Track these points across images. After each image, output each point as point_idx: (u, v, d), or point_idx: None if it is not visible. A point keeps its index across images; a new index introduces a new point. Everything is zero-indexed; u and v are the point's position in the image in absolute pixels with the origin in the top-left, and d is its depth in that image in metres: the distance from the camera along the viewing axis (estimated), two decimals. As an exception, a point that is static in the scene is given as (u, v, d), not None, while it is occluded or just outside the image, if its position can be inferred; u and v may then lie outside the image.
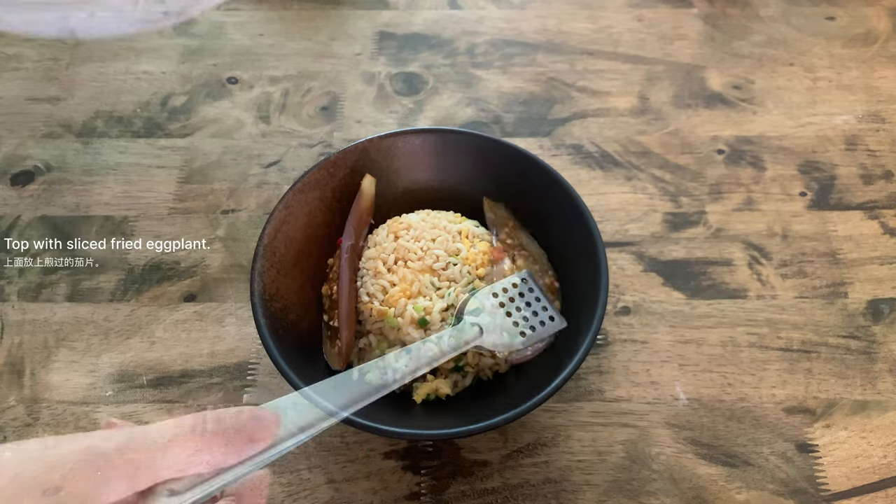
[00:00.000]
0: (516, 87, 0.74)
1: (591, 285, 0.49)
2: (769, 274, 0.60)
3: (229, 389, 0.54)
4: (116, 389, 0.55)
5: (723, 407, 0.53)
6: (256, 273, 0.49)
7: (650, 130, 0.70)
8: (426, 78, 0.75)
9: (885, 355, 0.56)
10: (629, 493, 0.50)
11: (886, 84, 0.74)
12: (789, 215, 0.64)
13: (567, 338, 0.49)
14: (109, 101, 0.73)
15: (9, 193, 0.66)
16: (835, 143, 0.69)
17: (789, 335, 0.57)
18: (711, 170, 0.67)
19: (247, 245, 0.63)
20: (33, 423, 0.53)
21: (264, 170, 0.68)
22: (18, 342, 0.57)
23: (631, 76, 0.75)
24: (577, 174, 0.67)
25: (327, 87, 0.74)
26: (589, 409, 0.54)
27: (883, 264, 0.61)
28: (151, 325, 0.58)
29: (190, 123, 0.71)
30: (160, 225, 0.64)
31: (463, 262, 0.51)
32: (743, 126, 0.70)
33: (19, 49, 0.78)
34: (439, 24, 0.80)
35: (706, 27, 0.79)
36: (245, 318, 0.58)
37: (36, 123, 0.71)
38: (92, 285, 0.60)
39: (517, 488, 0.50)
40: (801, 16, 0.80)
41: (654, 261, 0.61)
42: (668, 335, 0.57)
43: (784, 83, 0.74)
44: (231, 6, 0.82)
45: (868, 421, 0.53)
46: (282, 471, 0.51)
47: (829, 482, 0.50)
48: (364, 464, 0.51)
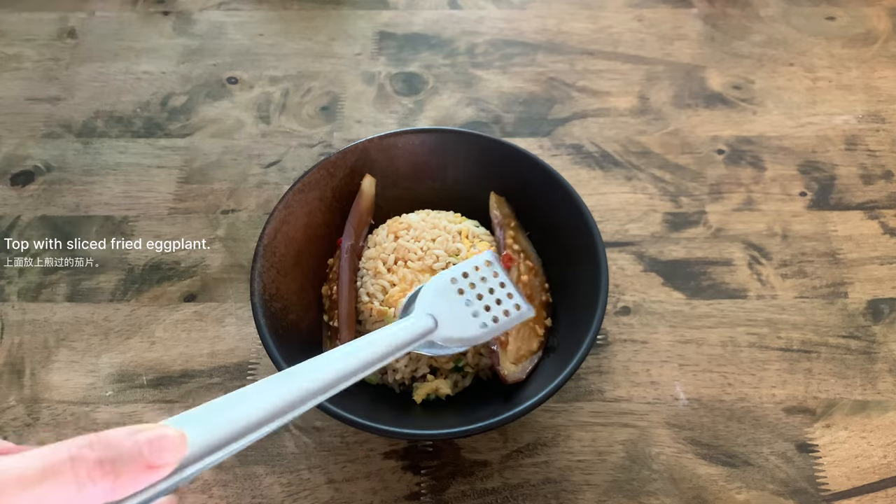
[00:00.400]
0: (516, 87, 0.74)
1: (591, 285, 0.49)
2: (769, 274, 0.60)
3: (229, 389, 0.54)
4: (116, 389, 0.55)
5: (723, 407, 0.53)
6: (256, 273, 0.49)
7: (650, 130, 0.70)
8: (426, 78, 0.75)
9: (885, 355, 0.56)
10: (629, 493, 0.50)
11: (886, 84, 0.74)
12: (789, 215, 0.64)
13: (567, 338, 0.49)
14: (109, 101, 0.73)
15: (9, 193, 0.66)
16: (835, 143, 0.69)
17: (789, 335, 0.57)
18: (711, 170, 0.67)
19: (247, 245, 0.63)
20: (33, 423, 0.53)
21: (264, 170, 0.68)
22: (18, 342, 0.57)
23: (631, 76, 0.75)
24: (577, 174, 0.67)
25: (327, 87, 0.74)
26: (589, 409, 0.54)
27: (883, 264, 0.61)
28: (151, 325, 0.58)
29: (190, 123, 0.71)
30: (160, 225, 0.64)
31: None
32: (743, 126, 0.70)
33: (19, 49, 0.78)
34: (439, 24, 0.80)
35: (706, 27, 0.79)
36: (245, 318, 0.58)
37: (36, 123, 0.71)
38: (92, 285, 0.60)
39: (517, 488, 0.50)
40: (801, 16, 0.80)
41: (654, 261, 0.61)
42: (668, 335, 0.57)
43: (784, 83, 0.74)
44: (231, 6, 0.82)
45: (868, 421, 0.53)
46: (282, 471, 0.51)
47: (829, 482, 0.50)
48: (364, 464, 0.51)
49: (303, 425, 0.53)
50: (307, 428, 0.53)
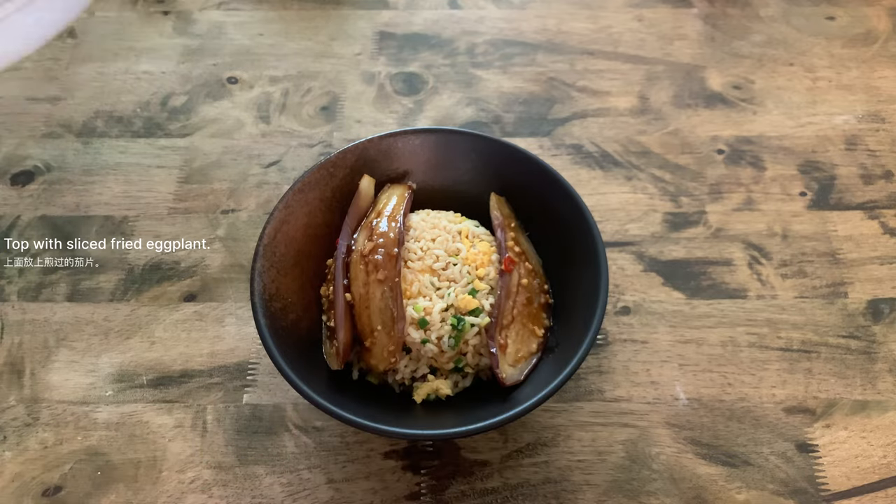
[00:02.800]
0: (516, 87, 0.74)
1: (591, 285, 0.49)
2: (769, 274, 0.60)
3: (229, 389, 0.54)
4: (116, 389, 0.55)
5: (723, 407, 0.53)
6: (256, 273, 0.49)
7: (650, 130, 0.70)
8: (426, 78, 0.75)
9: (885, 355, 0.56)
10: (629, 493, 0.50)
11: (886, 84, 0.74)
12: (789, 215, 0.64)
13: (567, 338, 0.49)
14: (109, 101, 0.73)
15: (9, 193, 0.66)
16: (835, 143, 0.69)
17: (789, 335, 0.57)
18: (711, 170, 0.67)
19: (247, 245, 0.63)
20: (33, 423, 0.53)
21: (264, 170, 0.68)
22: (18, 342, 0.57)
23: (631, 76, 0.75)
24: (577, 174, 0.67)
25: (327, 87, 0.74)
26: (589, 409, 0.54)
27: (883, 264, 0.61)
28: (151, 324, 0.58)
29: (190, 123, 0.71)
30: (160, 225, 0.64)
31: (463, 262, 0.51)
32: (743, 126, 0.70)
33: (19, 49, 0.78)
34: (439, 24, 0.80)
35: (706, 27, 0.79)
36: (245, 318, 0.58)
37: (36, 123, 0.71)
38: (92, 285, 0.60)
39: (517, 488, 0.50)
40: (801, 16, 0.80)
41: (654, 261, 0.61)
42: (668, 335, 0.57)
43: (784, 83, 0.74)
44: (231, 6, 0.82)
45: (868, 421, 0.53)
46: (282, 471, 0.51)
47: (829, 482, 0.50)
48: (364, 464, 0.51)
49: (303, 425, 0.53)
50: (307, 428, 0.53)
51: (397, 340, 0.48)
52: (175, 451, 0.52)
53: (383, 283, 0.49)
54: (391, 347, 0.48)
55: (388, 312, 0.48)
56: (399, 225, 0.51)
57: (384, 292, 0.49)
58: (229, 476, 0.51)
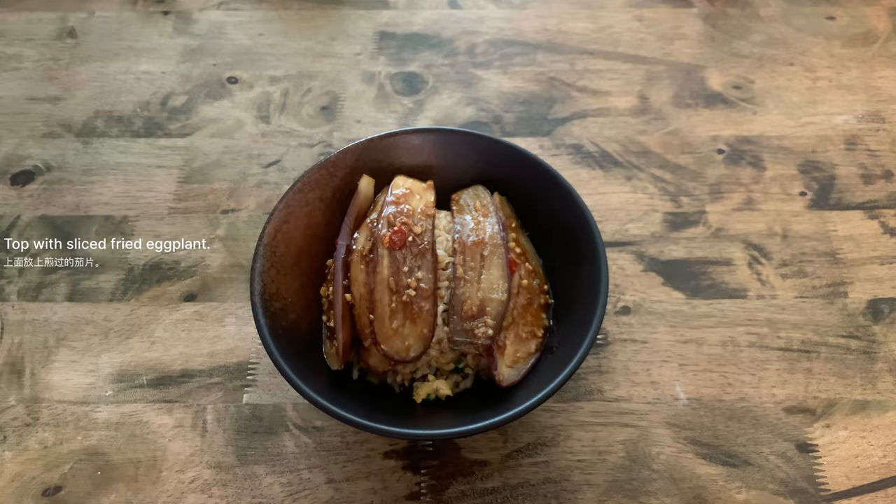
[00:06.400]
0: (516, 87, 0.74)
1: (591, 285, 0.49)
2: (769, 274, 0.60)
3: (229, 389, 0.54)
4: (116, 389, 0.55)
5: (723, 407, 0.53)
6: (256, 273, 0.49)
7: (650, 130, 0.70)
8: (426, 78, 0.75)
9: (885, 355, 0.56)
10: (629, 492, 0.50)
11: (886, 84, 0.74)
12: (789, 215, 0.64)
13: (567, 338, 0.49)
14: (109, 100, 0.73)
15: (9, 193, 0.66)
16: (835, 143, 0.69)
17: (789, 335, 0.57)
18: (711, 170, 0.67)
19: (247, 245, 0.63)
20: (33, 423, 0.53)
21: (264, 170, 0.68)
22: (18, 342, 0.57)
23: (631, 76, 0.75)
24: (577, 174, 0.67)
25: (327, 87, 0.74)
26: (589, 409, 0.54)
27: (883, 264, 0.61)
28: (151, 324, 0.58)
29: (190, 123, 0.71)
30: (160, 225, 0.64)
31: (463, 261, 0.51)
32: (743, 126, 0.70)
33: (19, 49, 0.78)
34: (439, 23, 0.80)
35: (706, 27, 0.79)
36: (245, 317, 0.58)
37: (36, 123, 0.71)
38: (92, 285, 0.60)
39: (517, 488, 0.50)
40: (801, 16, 0.80)
41: (654, 261, 0.61)
42: (668, 335, 0.57)
43: (784, 83, 0.74)
44: (231, 6, 0.82)
45: (868, 421, 0.53)
46: (282, 470, 0.51)
47: (829, 482, 0.50)
48: (364, 464, 0.51)
49: (303, 425, 0.53)
50: (307, 428, 0.53)
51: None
52: (175, 451, 0.52)
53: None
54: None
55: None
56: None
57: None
58: (229, 476, 0.51)
